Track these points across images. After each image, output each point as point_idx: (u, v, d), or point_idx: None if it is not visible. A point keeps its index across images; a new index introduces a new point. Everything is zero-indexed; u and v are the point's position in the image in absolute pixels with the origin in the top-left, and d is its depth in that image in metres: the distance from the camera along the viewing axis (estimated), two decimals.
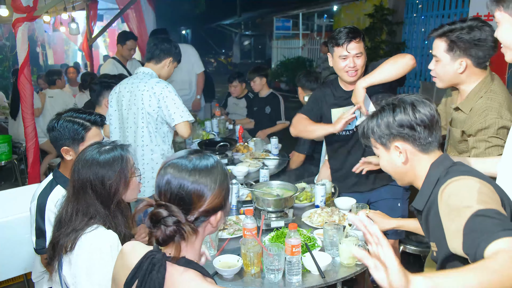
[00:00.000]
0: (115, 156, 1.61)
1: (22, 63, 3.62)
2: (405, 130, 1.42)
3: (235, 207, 2.57)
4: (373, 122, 1.49)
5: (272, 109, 4.54)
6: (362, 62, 2.37)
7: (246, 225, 1.96)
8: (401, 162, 1.47)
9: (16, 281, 3.21)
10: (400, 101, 1.45)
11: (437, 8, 8.80)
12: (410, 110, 1.41)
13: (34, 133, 3.80)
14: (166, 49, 2.83)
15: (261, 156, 3.66)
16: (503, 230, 1.05)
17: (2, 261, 2.53)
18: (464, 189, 1.26)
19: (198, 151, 1.21)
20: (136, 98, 2.76)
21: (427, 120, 1.41)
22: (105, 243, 1.50)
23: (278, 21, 17.94)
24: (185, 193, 1.10)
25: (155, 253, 1.13)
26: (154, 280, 1.08)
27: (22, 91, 3.68)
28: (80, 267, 1.48)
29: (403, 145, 1.44)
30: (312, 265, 1.84)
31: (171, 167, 1.14)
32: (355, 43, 2.32)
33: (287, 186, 2.46)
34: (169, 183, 1.11)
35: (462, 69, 1.90)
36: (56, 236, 1.55)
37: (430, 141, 1.42)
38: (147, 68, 2.85)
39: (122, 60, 4.79)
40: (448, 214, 1.26)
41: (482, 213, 1.13)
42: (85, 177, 1.57)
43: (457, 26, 1.88)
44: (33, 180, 3.73)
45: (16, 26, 3.58)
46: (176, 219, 1.08)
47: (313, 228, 2.27)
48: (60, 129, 1.94)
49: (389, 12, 8.45)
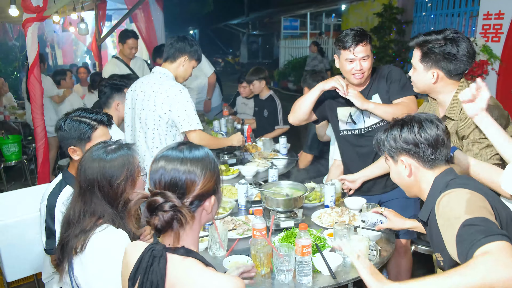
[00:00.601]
0: (122, 155, 1.60)
1: (32, 63, 3.64)
2: (410, 146, 1.52)
3: (244, 207, 2.56)
4: (384, 136, 1.61)
5: (269, 112, 4.47)
6: (369, 64, 2.37)
7: (256, 225, 1.94)
8: (406, 175, 1.57)
9: (26, 281, 3.22)
10: (410, 119, 1.56)
11: (446, 7, 8.70)
12: (416, 129, 1.52)
13: (44, 133, 3.82)
14: (180, 47, 2.77)
15: (269, 155, 3.64)
16: (485, 237, 1.16)
17: (12, 262, 2.54)
18: (454, 201, 1.35)
19: (187, 143, 1.26)
20: (149, 99, 2.72)
21: (432, 140, 1.50)
22: (116, 242, 1.49)
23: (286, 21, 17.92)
24: (178, 179, 1.15)
25: (155, 246, 1.16)
26: (156, 272, 1.10)
27: (31, 91, 3.70)
28: (92, 267, 1.47)
29: (408, 159, 1.55)
30: (323, 265, 1.82)
31: (163, 159, 1.19)
32: (362, 46, 2.32)
33: (297, 186, 2.45)
34: (163, 172, 1.16)
35: (434, 80, 1.96)
36: (65, 237, 1.54)
37: (433, 159, 1.52)
38: (163, 68, 2.80)
39: (125, 60, 4.75)
40: (443, 225, 1.36)
41: (469, 222, 1.23)
42: (92, 177, 1.55)
43: (432, 37, 1.94)
44: (43, 180, 3.75)
45: (26, 26, 3.60)
46: (172, 204, 1.12)
47: (323, 228, 2.25)
48: (67, 129, 1.95)
49: (398, 11, 8.37)
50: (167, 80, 2.74)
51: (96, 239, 1.50)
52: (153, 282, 1.09)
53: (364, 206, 2.25)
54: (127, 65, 4.74)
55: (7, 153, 5.02)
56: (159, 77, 2.76)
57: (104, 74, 4.45)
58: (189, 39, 2.84)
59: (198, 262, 1.14)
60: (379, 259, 1.94)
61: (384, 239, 2.11)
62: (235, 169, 3.31)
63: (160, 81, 2.73)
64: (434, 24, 9.10)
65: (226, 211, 2.46)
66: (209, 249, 2.05)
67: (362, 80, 2.41)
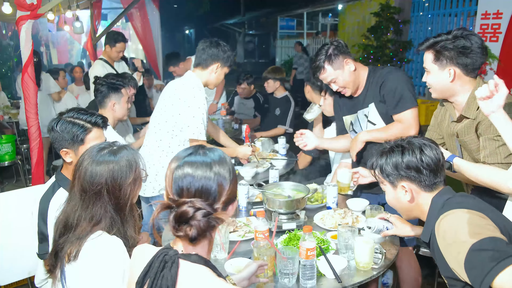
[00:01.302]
0: (127, 155, 1.52)
1: (26, 62, 3.55)
2: (412, 172, 1.52)
3: (245, 208, 2.50)
4: (382, 161, 1.59)
5: (282, 112, 4.47)
6: (341, 82, 2.40)
7: (258, 227, 1.89)
8: (407, 200, 1.57)
9: (20, 284, 3.15)
10: (409, 143, 1.56)
11: (443, 7, 8.71)
12: (417, 154, 1.51)
13: (38, 133, 3.73)
14: (213, 54, 2.67)
15: (268, 156, 3.59)
16: (497, 264, 1.15)
17: (5, 265, 2.47)
18: (455, 224, 1.33)
19: (202, 147, 1.20)
20: (170, 100, 2.69)
21: (433, 164, 1.51)
22: (111, 251, 1.42)
23: (282, 21, 17.91)
24: (210, 186, 1.11)
25: (167, 250, 1.11)
26: (166, 277, 1.06)
27: (25, 90, 3.61)
28: (86, 277, 1.40)
29: (409, 185, 1.55)
30: (327, 269, 1.77)
31: (189, 165, 1.13)
32: (322, 75, 2.41)
33: (299, 187, 2.39)
34: (191, 180, 1.10)
35: (451, 78, 1.92)
36: (61, 242, 1.46)
37: (435, 182, 1.53)
38: (193, 73, 2.72)
39: (109, 61, 4.56)
40: (446, 250, 1.35)
41: (477, 247, 1.21)
42: (101, 180, 1.46)
43: (442, 37, 1.93)
44: (37, 181, 3.67)
45: (19, 24, 3.51)
46: (206, 211, 1.07)
47: (326, 230, 2.20)
48: (60, 130, 1.86)
49: (395, 11, 8.35)
50: (187, 82, 2.67)
51: (90, 246, 1.42)
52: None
53: (368, 208, 2.21)
54: (113, 67, 4.57)
55: (0, 153, 4.93)
56: (185, 81, 2.70)
57: (91, 76, 4.31)
58: (222, 44, 2.72)
59: (210, 272, 1.09)
60: (384, 262, 1.89)
61: (389, 242, 2.06)
62: None
63: (180, 83, 2.70)
64: (431, 24, 9.11)
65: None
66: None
67: (350, 92, 2.45)
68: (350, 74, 2.39)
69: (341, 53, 2.37)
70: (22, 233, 2.40)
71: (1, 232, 2.48)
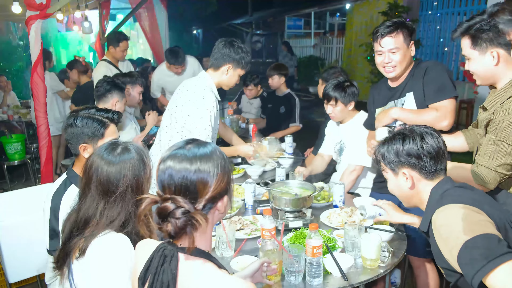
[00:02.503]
0: (140, 152, 1.53)
1: (35, 61, 3.60)
2: (412, 159, 1.52)
3: (252, 206, 2.50)
4: (384, 149, 1.60)
5: (287, 109, 4.44)
6: (399, 57, 2.24)
7: (265, 225, 1.89)
8: (407, 187, 1.57)
9: (29, 282, 3.18)
10: (410, 131, 1.56)
11: (452, 5, 8.64)
12: (418, 141, 1.52)
13: (47, 132, 3.78)
14: (225, 54, 2.57)
15: (275, 155, 3.59)
16: (487, 262, 1.17)
17: (15, 262, 2.50)
18: (450, 219, 1.35)
19: (194, 140, 1.19)
20: (181, 100, 2.66)
21: (433, 152, 1.51)
22: (118, 249, 1.42)
23: (289, 20, 17.89)
24: (190, 183, 1.08)
25: (166, 245, 1.11)
26: (167, 272, 1.06)
27: (35, 89, 3.66)
28: (93, 276, 1.40)
29: (410, 172, 1.55)
30: (334, 267, 1.77)
31: (171, 159, 1.12)
32: (390, 38, 2.22)
33: (305, 185, 2.39)
34: (171, 175, 1.09)
35: (495, 61, 1.77)
36: (71, 239, 1.46)
37: (435, 170, 1.53)
38: (206, 73, 2.67)
39: (114, 62, 4.58)
40: (442, 244, 1.36)
41: (469, 244, 1.23)
42: (125, 180, 1.46)
43: (476, 19, 1.80)
44: (46, 179, 3.71)
45: (29, 24, 3.56)
46: (185, 209, 1.05)
47: (333, 228, 2.20)
48: (80, 125, 1.91)
49: (403, 10, 8.30)
50: (199, 83, 2.64)
51: (97, 244, 1.42)
52: (163, 283, 1.05)
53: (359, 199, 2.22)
54: (117, 67, 4.60)
55: (10, 153, 4.98)
56: (197, 81, 2.66)
57: (95, 78, 4.32)
58: (236, 45, 2.61)
59: (211, 264, 1.09)
60: (391, 260, 1.88)
61: (396, 240, 2.06)
62: (240, 169, 3.26)
63: (193, 83, 2.66)
64: (440, 23, 9.04)
65: (233, 210, 2.41)
66: (216, 250, 1.99)
67: (394, 74, 2.29)
68: (408, 57, 2.27)
69: (412, 35, 2.26)
70: (31, 231, 2.43)
71: (11, 230, 2.50)
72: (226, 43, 2.61)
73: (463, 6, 8.41)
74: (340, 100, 2.77)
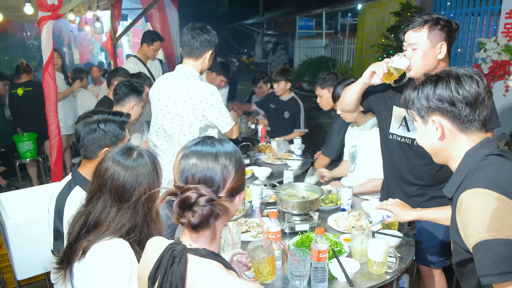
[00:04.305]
0: (152, 158, 1.54)
1: (46, 61, 3.63)
2: (444, 104, 1.33)
3: (259, 208, 2.49)
4: (414, 94, 1.41)
5: (291, 115, 4.34)
6: (418, 55, 1.98)
7: (270, 228, 1.88)
8: (437, 137, 1.38)
9: (38, 279, 3.22)
10: (446, 73, 1.36)
11: (466, 5, 8.50)
12: (453, 85, 1.32)
13: (58, 131, 3.81)
14: (205, 41, 2.56)
15: (283, 156, 3.57)
16: (499, 274, 1.11)
17: (23, 260, 2.53)
18: (479, 208, 1.20)
19: (212, 137, 1.21)
20: (176, 103, 2.59)
21: (471, 98, 1.30)
22: (116, 253, 1.42)
23: (301, 21, 17.81)
24: (214, 174, 1.10)
25: (175, 245, 1.11)
26: (176, 273, 1.06)
27: (46, 89, 3.69)
28: (91, 277, 1.41)
29: (441, 120, 1.36)
30: (339, 272, 1.75)
31: (195, 154, 1.13)
32: (413, 32, 1.98)
33: (313, 188, 2.37)
34: (196, 165, 1.10)
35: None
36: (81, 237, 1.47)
37: (470, 120, 1.33)
38: (187, 66, 2.61)
39: (144, 59, 4.75)
40: (461, 226, 1.25)
41: (487, 244, 1.14)
42: (142, 185, 1.48)
43: None
44: (56, 178, 3.75)
45: (41, 25, 3.59)
46: (209, 198, 1.06)
47: (340, 232, 2.17)
48: (106, 130, 1.93)
49: (416, 10, 8.20)
50: (195, 81, 2.58)
51: (97, 249, 1.42)
52: (172, 283, 1.05)
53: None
54: (145, 65, 4.73)
55: (22, 151, 5.04)
56: (186, 78, 2.59)
57: None
58: (209, 28, 2.62)
59: (220, 265, 1.09)
60: (398, 266, 1.85)
61: (404, 246, 2.03)
62: (248, 170, 3.25)
63: (188, 83, 2.57)
64: None
65: (239, 212, 2.40)
66: (221, 251, 1.99)
67: (412, 74, 2.03)
68: (432, 57, 1.98)
69: (447, 34, 1.96)
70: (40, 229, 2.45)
71: (20, 228, 2.53)
72: (201, 30, 2.57)
73: (477, 6, 8.28)
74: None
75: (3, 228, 2.62)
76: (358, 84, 2.22)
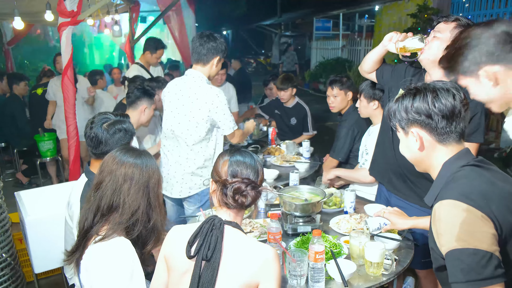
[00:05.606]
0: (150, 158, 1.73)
1: (65, 65, 3.79)
2: (422, 117, 1.39)
3: (263, 210, 2.57)
4: (395, 106, 1.48)
5: (298, 121, 4.35)
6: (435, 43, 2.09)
7: (270, 229, 1.95)
8: (416, 148, 1.45)
9: (55, 273, 3.37)
10: (424, 87, 1.42)
11: (485, 7, 8.40)
12: (429, 98, 1.37)
13: (76, 131, 3.97)
14: (212, 48, 2.72)
15: (292, 159, 3.64)
16: (466, 282, 1.17)
17: (40, 254, 2.66)
18: (449, 219, 1.26)
19: (242, 148, 1.63)
20: (184, 105, 2.72)
21: (446, 110, 1.36)
22: (118, 250, 1.51)
23: (318, 22, 17.76)
24: (256, 171, 1.54)
25: (215, 218, 1.48)
26: (215, 235, 1.42)
27: (65, 92, 3.85)
28: (95, 274, 1.50)
29: (420, 131, 1.42)
30: (336, 272, 1.81)
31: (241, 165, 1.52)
32: (443, 23, 2.11)
33: (316, 191, 2.44)
34: (245, 164, 1.52)
35: None
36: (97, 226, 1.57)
37: (447, 131, 1.38)
38: (196, 71, 2.76)
39: (146, 66, 4.77)
40: (436, 236, 1.31)
41: (456, 253, 1.20)
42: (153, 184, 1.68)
43: None
44: (74, 177, 3.89)
45: (61, 30, 3.75)
46: (254, 185, 1.49)
47: (340, 234, 2.23)
48: (126, 128, 2.11)
49: (433, 12, 8.12)
50: (202, 84, 2.73)
51: (99, 246, 1.51)
52: (211, 243, 1.41)
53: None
54: (148, 71, 4.79)
55: (43, 150, 5.25)
56: (194, 81, 2.74)
57: None
58: (216, 36, 2.76)
59: (244, 234, 1.50)
60: (395, 269, 1.90)
61: (403, 249, 2.07)
62: None
63: (196, 86, 2.72)
64: None
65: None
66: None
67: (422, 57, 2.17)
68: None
69: None
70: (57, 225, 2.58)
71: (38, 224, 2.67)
72: (208, 37, 2.73)
73: (495, 8, 8.17)
74: (363, 94, 2.90)
75: (23, 224, 2.77)
76: (379, 47, 2.45)
